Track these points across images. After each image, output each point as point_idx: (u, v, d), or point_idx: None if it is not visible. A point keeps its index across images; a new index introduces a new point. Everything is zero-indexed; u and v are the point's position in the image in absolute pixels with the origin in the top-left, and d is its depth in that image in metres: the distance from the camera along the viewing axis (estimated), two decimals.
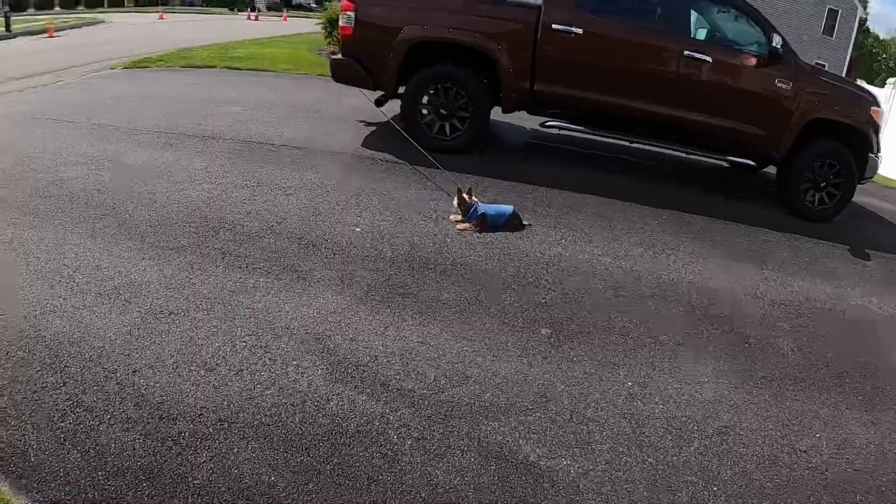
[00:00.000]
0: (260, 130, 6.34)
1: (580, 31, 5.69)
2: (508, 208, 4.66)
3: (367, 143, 6.22)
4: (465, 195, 4.56)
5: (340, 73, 6.15)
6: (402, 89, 6.00)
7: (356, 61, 5.88)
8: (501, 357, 3.12)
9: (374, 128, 6.78)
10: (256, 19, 27.11)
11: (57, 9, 39.93)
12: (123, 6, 42.14)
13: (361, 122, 6.96)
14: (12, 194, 4.38)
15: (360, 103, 6.67)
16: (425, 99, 5.85)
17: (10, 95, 8.04)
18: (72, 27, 20.05)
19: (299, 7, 46.54)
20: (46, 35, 16.84)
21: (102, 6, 42.25)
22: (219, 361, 2.80)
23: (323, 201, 4.66)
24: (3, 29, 17.21)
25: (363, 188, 5.01)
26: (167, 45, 13.30)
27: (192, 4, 42.62)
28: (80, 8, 40.37)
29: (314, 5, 51.44)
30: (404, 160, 5.66)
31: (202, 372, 2.72)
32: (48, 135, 5.85)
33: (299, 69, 10.75)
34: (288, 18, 29.23)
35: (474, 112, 5.86)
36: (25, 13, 34.38)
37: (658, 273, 4.33)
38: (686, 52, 5.74)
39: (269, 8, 43.72)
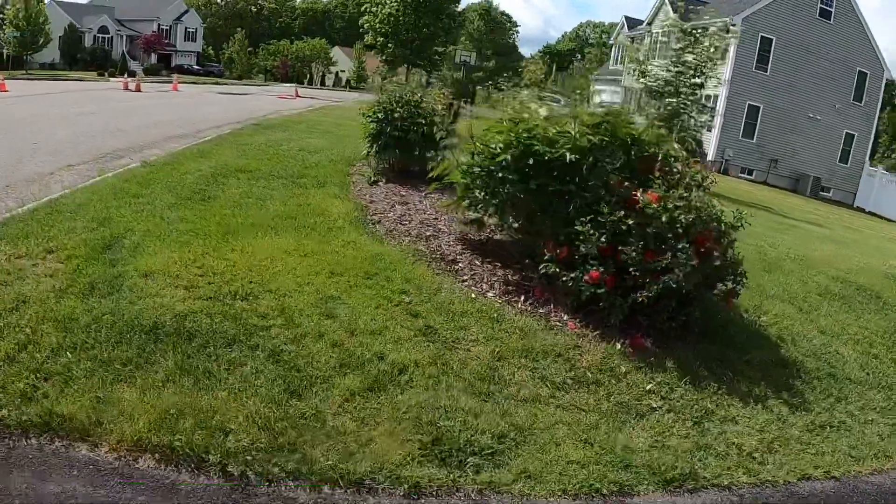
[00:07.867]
0: None
1: None
2: None
3: None
4: None
5: None
6: None
7: None
8: None
9: None
10: (138, 89, 19.81)
11: None
12: None
13: None
14: None
15: None
16: None
17: None
18: None
19: (182, 70, 38.65)
20: None
21: None
22: None
23: None
24: None
25: None
26: None
27: (52, 67, 34.17)
28: None
29: (196, 67, 43.44)
30: None
31: None
32: None
33: None
34: (178, 86, 22.70)
35: None
36: None
37: None
38: None
39: (148, 72, 35.86)
